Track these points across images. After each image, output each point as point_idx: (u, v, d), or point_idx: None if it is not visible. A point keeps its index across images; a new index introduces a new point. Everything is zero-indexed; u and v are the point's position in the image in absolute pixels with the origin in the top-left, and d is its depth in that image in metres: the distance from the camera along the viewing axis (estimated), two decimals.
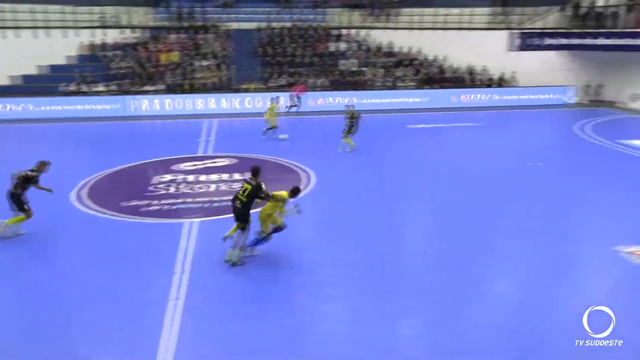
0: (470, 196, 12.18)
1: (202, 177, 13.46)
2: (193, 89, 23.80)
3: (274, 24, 27.33)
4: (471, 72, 26.33)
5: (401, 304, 7.60)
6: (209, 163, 14.82)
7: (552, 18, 26.93)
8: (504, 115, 23.56)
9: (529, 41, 26.40)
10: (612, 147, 16.98)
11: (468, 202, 11.73)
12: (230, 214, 8.85)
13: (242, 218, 8.49)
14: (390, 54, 26.73)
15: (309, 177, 13.37)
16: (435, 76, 25.93)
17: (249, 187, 8.43)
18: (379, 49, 26.78)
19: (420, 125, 20.39)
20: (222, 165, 14.60)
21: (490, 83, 26.07)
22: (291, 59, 25.74)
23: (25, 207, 9.68)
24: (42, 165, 9.84)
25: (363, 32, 27.18)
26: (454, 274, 8.49)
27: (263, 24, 27.25)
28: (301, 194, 9.57)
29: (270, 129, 17.82)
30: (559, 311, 7.49)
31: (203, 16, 27.16)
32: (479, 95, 25.21)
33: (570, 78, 26.60)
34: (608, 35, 24.69)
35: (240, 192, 8.48)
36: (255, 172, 8.58)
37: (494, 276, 8.46)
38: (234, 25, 26.96)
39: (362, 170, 14.21)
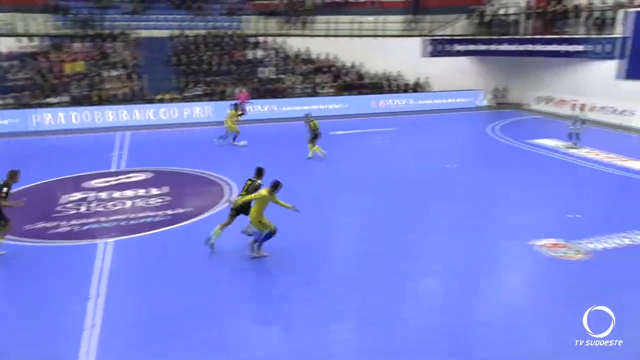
0: (394, 198, 12.47)
1: (116, 194, 12.69)
2: (102, 101, 22.54)
3: (188, 32, 26.63)
4: (388, 78, 27.08)
5: (334, 309, 7.50)
6: (123, 179, 14.02)
7: (460, 25, 28.36)
8: (421, 119, 24.41)
9: (439, 47, 27.64)
10: (521, 146, 18.07)
11: (392, 204, 12.00)
12: (149, 230, 8.34)
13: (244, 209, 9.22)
14: (309, 60, 26.91)
15: (230, 189, 13.01)
16: (354, 82, 26.41)
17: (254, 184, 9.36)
18: (297, 56, 26.88)
19: (342, 132, 20.61)
20: (138, 181, 13.86)
21: (407, 88, 26.95)
22: (207, 67, 25.17)
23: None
24: (14, 175, 9.17)
25: (280, 40, 27.17)
26: (380, 275, 8.56)
27: (176, 32, 26.45)
28: (220, 208, 9.28)
29: (229, 136, 18.01)
30: (483, 307, 7.73)
31: (111, 23, 25.90)
32: (396, 101, 25.98)
33: (481, 82, 28.11)
34: (510, 41, 26.44)
35: (247, 187, 9.37)
36: (259, 172, 9.57)
37: (419, 275, 8.64)
38: (144, 33, 25.94)
39: (286, 179, 14.02)
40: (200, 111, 22.89)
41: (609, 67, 23.16)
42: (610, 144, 18.26)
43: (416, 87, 27.10)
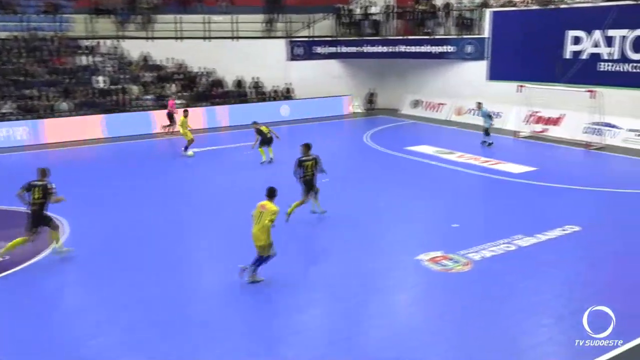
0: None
1: None
2: None
3: None
4: (255, 84, 27.15)
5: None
6: None
7: (323, 25, 29.45)
8: (289, 129, 24.78)
9: (300, 50, 28.42)
10: (399, 155, 19.09)
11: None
12: None
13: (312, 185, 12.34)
14: (155, 67, 26.08)
15: (62, 224, 12.01)
16: (216, 92, 26.04)
17: (311, 161, 12.42)
18: (144, 61, 25.90)
19: (205, 149, 20.24)
20: None
21: (276, 96, 27.24)
22: (23, 77, 23.20)
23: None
24: (47, 172, 10.24)
25: (116, 43, 25.97)
26: (253, 311, 8.36)
27: None
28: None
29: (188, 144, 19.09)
30: (374, 328, 7.94)
31: None
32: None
33: (353, 87, 29.39)
34: (379, 43, 28.07)
35: (308, 167, 12.28)
36: (308, 146, 12.60)
37: (298, 308, 8.60)
38: None
39: (130, 208, 13.40)
40: (13, 132, 21.04)
41: (480, 69, 25.53)
42: (484, 147, 19.97)
43: (285, 94, 27.51)
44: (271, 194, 9.43)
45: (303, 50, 28.53)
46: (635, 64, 20.56)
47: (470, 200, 14.41)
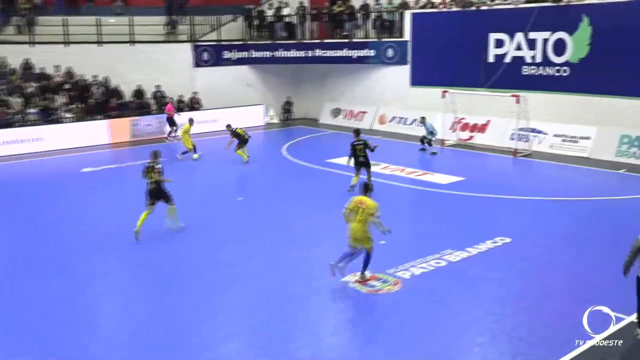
0: (165, 248, 12.30)
1: None
2: None
3: None
4: (157, 94, 26.64)
5: None
6: None
7: (231, 28, 29.46)
8: (199, 143, 24.51)
9: (206, 56, 28.24)
10: (320, 168, 19.33)
11: (162, 256, 11.86)
12: None
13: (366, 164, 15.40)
14: (41, 76, 25.01)
15: None
16: (111, 103, 25.29)
17: (362, 144, 15.44)
18: (24, 70, 24.80)
19: (102, 167, 19.68)
20: None
21: (182, 106, 26.86)
22: None
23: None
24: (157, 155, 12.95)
25: None
26: (168, 344, 8.23)
27: None
28: None
29: (187, 152, 20.87)
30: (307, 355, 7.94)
31: None
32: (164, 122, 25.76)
33: (269, 95, 29.53)
34: (290, 47, 28.42)
35: (359, 149, 15.32)
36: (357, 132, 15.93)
37: (221, 335, 8.50)
38: None
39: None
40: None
41: (403, 74, 26.37)
42: (409, 157, 20.61)
43: (193, 104, 27.18)
44: (366, 189, 10.47)
45: (210, 55, 28.38)
46: (558, 67, 21.95)
47: (396, 214, 14.73)
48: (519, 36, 22.75)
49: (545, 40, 22.14)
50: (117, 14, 27.71)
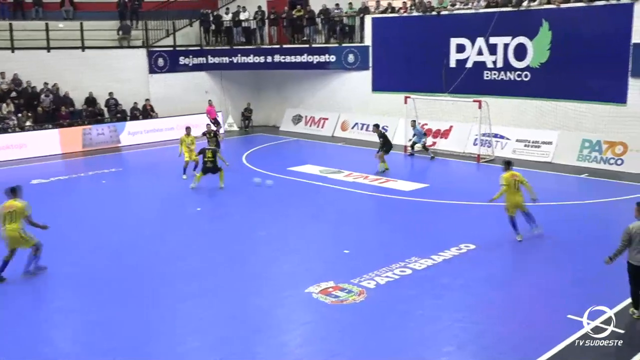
0: (121, 260, 12.18)
1: None
2: None
3: None
4: (110, 102, 26.23)
5: None
6: None
7: (187, 33, 29.26)
8: (153, 153, 24.26)
9: (161, 62, 28.00)
10: (281, 177, 19.29)
11: (121, 268, 11.72)
12: None
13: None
14: None
15: None
16: (63, 112, 24.76)
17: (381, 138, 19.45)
18: None
19: (52, 179, 19.25)
20: None
21: (138, 114, 26.52)
22: None
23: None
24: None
25: None
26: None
27: None
28: None
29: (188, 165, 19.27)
30: None
31: None
32: (125, 131, 25.42)
33: (228, 102, 29.35)
34: (249, 53, 28.38)
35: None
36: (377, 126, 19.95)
37: (182, 351, 8.38)
38: None
39: None
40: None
41: (365, 79, 26.56)
42: (372, 164, 20.72)
43: (147, 112, 26.84)
44: (509, 165, 13.01)
45: (165, 61, 28.11)
46: (519, 72, 22.42)
47: (360, 222, 14.85)
48: (480, 41, 23.16)
49: (506, 45, 22.60)
50: (66, 19, 27.21)
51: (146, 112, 26.89)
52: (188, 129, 19.92)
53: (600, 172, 19.28)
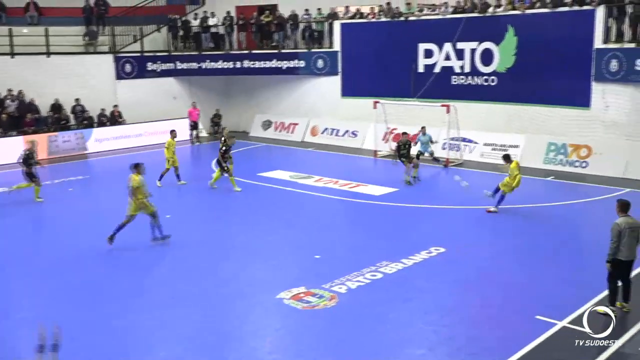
0: (103, 269, 12.04)
1: None
2: None
3: None
4: (77, 108, 25.86)
5: None
6: None
7: (155, 39, 29.01)
8: (121, 160, 23.95)
9: (133, 67, 27.73)
10: (252, 182, 19.22)
11: (82, 281, 11.55)
12: None
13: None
14: None
15: None
16: (28, 119, 24.31)
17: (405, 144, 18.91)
18: None
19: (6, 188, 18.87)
20: None
21: (105, 120, 26.19)
22: None
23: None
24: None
25: None
26: None
27: None
28: None
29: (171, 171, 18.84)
30: None
31: None
32: (92, 138, 25.12)
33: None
34: (217, 58, 28.26)
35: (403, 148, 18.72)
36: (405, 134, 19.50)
37: None
38: None
39: None
40: None
41: (334, 84, 26.64)
42: (342, 169, 20.83)
43: (115, 118, 26.53)
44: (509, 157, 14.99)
45: (133, 67, 27.83)
46: (486, 77, 22.73)
47: (331, 227, 14.87)
48: (448, 46, 23.45)
49: (473, 50, 22.91)
50: (30, 24, 26.77)
51: (114, 118, 26.57)
52: (173, 132, 19.37)
53: (566, 174, 19.64)
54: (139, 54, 28.18)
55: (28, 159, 17.02)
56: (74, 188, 19.23)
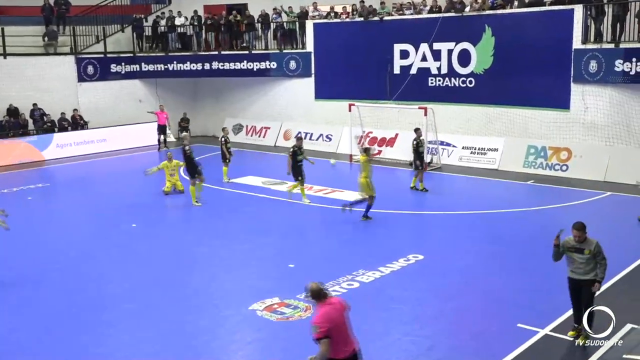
0: (64, 282, 11.88)
1: None
2: None
3: None
4: (35, 112, 25.48)
5: None
6: None
7: (119, 39, 28.78)
8: (83, 167, 23.72)
9: (95, 69, 27.43)
10: (222, 189, 19.17)
11: (63, 290, 11.41)
12: None
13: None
14: None
15: None
16: None
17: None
18: None
19: None
20: None
21: (66, 125, 25.85)
22: None
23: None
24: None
25: None
26: None
27: None
28: None
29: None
30: None
31: None
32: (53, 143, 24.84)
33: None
34: (185, 59, 28.12)
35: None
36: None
37: None
38: None
39: None
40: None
41: (307, 87, 26.64)
42: (316, 174, 20.77)
43: (77, 122, 26.20)
44: None
45: (96, 69, 27.54)
46: (463, 78, 22.92)
47: (305, 235, 14.87)
48: (424, 47, 23.58)
49: (450, 51, 23.08)
50: None
51: (76, 122, 26.23)
52: (170, 154, 19.23)
53: (546, 178, 19.88)
54: (102, 55, 27.91)
55: None
56: (33, 197, 18.93)
